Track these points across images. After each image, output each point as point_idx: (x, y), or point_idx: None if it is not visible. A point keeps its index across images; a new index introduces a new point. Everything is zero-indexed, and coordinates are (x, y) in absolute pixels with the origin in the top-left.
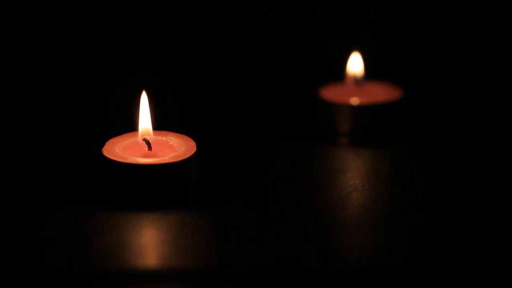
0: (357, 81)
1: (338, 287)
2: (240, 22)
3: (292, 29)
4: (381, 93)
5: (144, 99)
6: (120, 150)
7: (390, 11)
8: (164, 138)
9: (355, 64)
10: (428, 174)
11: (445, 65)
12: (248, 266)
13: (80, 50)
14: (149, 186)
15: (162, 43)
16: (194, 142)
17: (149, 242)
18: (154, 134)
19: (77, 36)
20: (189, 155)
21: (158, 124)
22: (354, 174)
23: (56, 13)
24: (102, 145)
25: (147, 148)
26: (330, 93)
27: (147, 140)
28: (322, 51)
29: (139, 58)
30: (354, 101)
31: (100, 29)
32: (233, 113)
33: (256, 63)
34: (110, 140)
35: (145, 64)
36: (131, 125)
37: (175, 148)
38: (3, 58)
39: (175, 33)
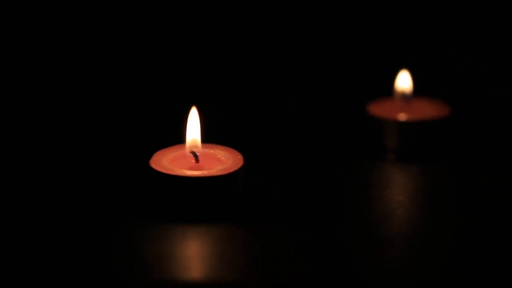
0: (405, 97)
1: None
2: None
3: (340, 44)
4: (429, 109)
5: (193, 112)
6: (167, 162)
7: (439, 27)
8: (211, 151)
9: (404, 80)
10: (476, 192)
11: (494, 82)
12: (293, 281)
13: (133, 60)
14: (195, 199)
15: (211, 56)
16: (241, 155)
17: (194, 255)
18: (202, 147)
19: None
20: (236, 168)
21: (206, 137)
22: (400, 190)
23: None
24: (150, 156)
25: (194, 161)
26: (378, 109)
27: (194, 153)
28: (371, 67)
29: (189, 72)
30: (402, 117)
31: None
32: (281, 128)
33: (303, 78)
34: (158, 152)
35: (195, 78)
36: (179, 138)
37: (223, 161)
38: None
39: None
